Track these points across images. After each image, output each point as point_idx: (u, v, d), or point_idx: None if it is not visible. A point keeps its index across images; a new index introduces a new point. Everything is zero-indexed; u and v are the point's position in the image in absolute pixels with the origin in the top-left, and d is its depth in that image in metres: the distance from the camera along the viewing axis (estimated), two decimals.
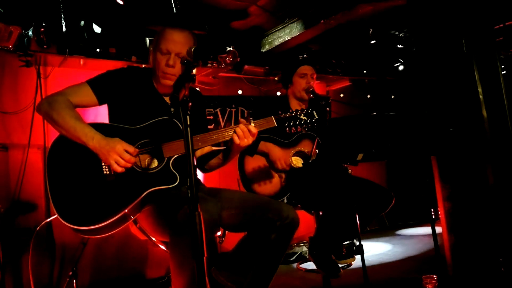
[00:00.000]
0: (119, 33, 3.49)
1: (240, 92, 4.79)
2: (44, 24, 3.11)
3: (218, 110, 4.60)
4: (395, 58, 5.30)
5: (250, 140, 1.84)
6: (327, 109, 2.67)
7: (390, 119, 2.37)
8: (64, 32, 3.20)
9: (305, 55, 2.97)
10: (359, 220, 2.41)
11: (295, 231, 1.87)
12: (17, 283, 3.21)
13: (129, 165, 1.72)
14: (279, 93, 4.79)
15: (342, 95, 5.85)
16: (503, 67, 4.90)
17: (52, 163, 1.77)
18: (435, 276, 2.44)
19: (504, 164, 2.62)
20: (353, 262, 2.74)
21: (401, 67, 5.36)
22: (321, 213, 2.74)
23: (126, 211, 1.70)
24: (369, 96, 6.05)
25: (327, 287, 2.68)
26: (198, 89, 2.29)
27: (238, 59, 3.82)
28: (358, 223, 2.40)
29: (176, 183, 1.79)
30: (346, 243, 4.01)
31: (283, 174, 2.71)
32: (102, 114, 3.18)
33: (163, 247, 2.03)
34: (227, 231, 2.22)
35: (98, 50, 3.38)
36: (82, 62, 3.56)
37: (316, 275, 3.09)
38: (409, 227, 5.52)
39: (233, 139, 1.83)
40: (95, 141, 1.71)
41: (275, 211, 1.83)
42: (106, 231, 1.72)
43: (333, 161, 2.59)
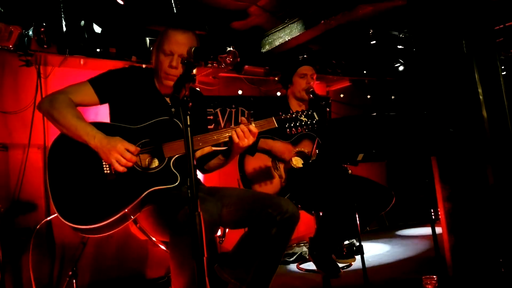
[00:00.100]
0: (119, 33, 3.49)
1: (240, 92, 4.79)
2: (44, 23, 3.11)
3: (218, 110, 4.60)
4: (395, 58, 5.30)
5: (250, 140, 1.84)
6: (327, 109, 2.67)
7: (390, 119, 2.37)
8: (64, 32, 3.20)
9: (305, 55, 2.96)
10: (359, 219, 2.41)
11: (296, 225, 1.87)
12: (17, 283, 3.20)
13: (130, 164, 1.72)
14: (279, 93, 4.79)
15: (342, 95, 5.85)
16: (503, 67, 4.90)
17: (52, 161, 1.77)
18: (435, 276, 2.44)
19: (504, 164, 2.62)
20: (353, 262, 2.74)
21: (401, 68, 5.36)
22: (321, 214, 2.74)
23: (126, 210, 1.70)
24: (369, 96, 6.05)
25: (327, 287, 2.68)
26: (198, 89, 2.29)
27: (238, 59, 3.82)
28: (358, 223, 2.40)
29: (176, 183, 1.79)
30: (346, 243, 4.02)
31: (283, 174, 2.71)
32: (102, 113, 3.18)
33: (163, 247, 2.03)
34: (227, 228, 2.21)
35: (98, 50, 3.38)
36: (82, 62, 3.56)
37: (316, 275, 3.08)
38: (409, 227, 5.52)
39: (233, 139, 1.82)
40: (96, 140, 1.71)
41: (274, 206, 1.83)
42: (105, 230, 1.72)
43: (333, 161, 2.59)
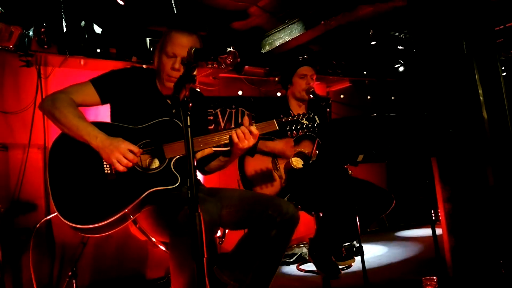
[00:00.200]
0: (120, 34, 3.49)
1: (240, 92, 4.79)
2: (44, 24, 3.11)
3: (218, 110, 4.60)
4: (395, 59, 5.30)
5: (251, 142, 1.83)
6: (327, 110, 2.66)
7: (390, 120, 2.37)
8: (64, 32, 3.20)
9: (305, 56, 2.95)
10: (359, 221, 2.40)
11: (295, 227, 1.87)
12: (17, 283, 3.20)
13: (130, 164, 1.72)
14: (279, 94, 4.79)
15: (342, 96, 5.85)
16: (503, 68, 4.90)
17: (53, 161, 1.77)
18: (435, 277, 2.44)
19: (504, 165, 2.62)
20: (353, 263, 2.74)
21: (401, 68, 5.36)
22: (321, 214, 2.74)
23: (126, 210, 1.70)
24: (369, 97, 6.05)
25: None
26: (198, 90, 2.28)
27: (238, 60, 3.82)
28: (358, 224, 2.39)
29: (177, 184, 1.79)
30: (346, 244, 4.01)
31: (283, 174, 2.71)
32: (102, 113, 3.19)
33: (162, 248, 2.02)
34: (227, 229, 2.21)
35: (98, 50, 3.38)
36: (82, 62, 3.56)
37: (316, 276, 3.08)
38: (409, 228, 5.51)
39: (234, 141, 1.82)
40: (98, 140, 1.71)
41: (275, 207, 1.83)
42: (105, 230, 1.72)
43: (333, 162, 2.59)
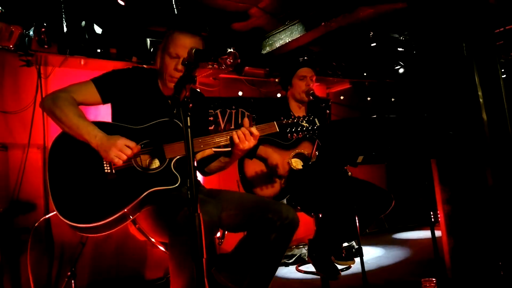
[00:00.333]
0: (120, 34, 3.49)
1: (240, 93, 4.79)
2: (45, 24, 3.11)
3: (218, 111, 4.60)
4: (395, 61, 5.31)
5: (251, 143, 1.83)
6: (327, 111, 2.66)
7: (390, 121, 2.37)
8: (65, 32, 3.20)
9: (305, 57, 2.95)
10: (358, 222, 2.40)
11: (295, 231, 1.87)
12: (16, 283, 3.20)
13: (125, 158, 1.71)
14: (279, 95, 4.79)
15: (342, 97, 5.85)
16: (503, 70, 4.91)
17: (53, 160, 1.76)
18: (434, 279, 2.44)
19: (503, 167, 2.62)
20: (352, 265, 2.74)
21: (401, 70, 5.37)
22: (320, 216, 2.74)
23: (125, 210, 1.69)
24: (369, 98, 6.06)
25: None
26: (198, 91, 2.28)
27: (238, 61, 3.81)
28: (357, 225, 2.39)
29: (177, 184, 1.79)
30: (345, 245, 4.01)
31: (283, 178, 2.71)
32: (102, 113, 3.19)
33: (162, 248, 2.02)
34: (226, 231, 2.21)
35: (99, 50, 3.38)
36: (82, 62, 3.56)
37: (315, 277, 3.08)
38: (409, 230, 5.52)
39: (235, 142, 1.82)
40: (97, 139, 1.72)
41: (274, 212, 1.83)
42: (104, 229, 1.72)
43: (333, 163, 2.59)
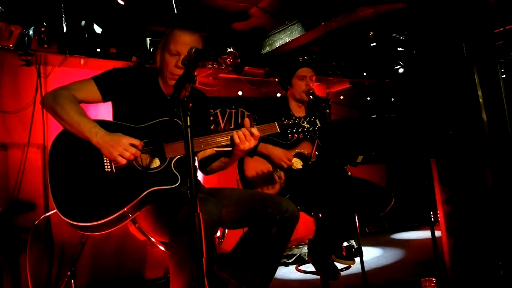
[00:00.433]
0: (120, 33, 3.49)
1: (240, 93, 4.79)
2: (45, 23, 3.10)
3: (218, 111, 4.60)
4: (395, 60, 5.31)
5: (252, 143, 1.83)
6: (327, 111, 2.66)
7: (390, 121, 2.37)
8: (64, 31, 3.20)
9: (305, 57, 2.95)
10: (358, 220, 2.40)
11: (296, 224, 1.87)
12: (16, 283, 3.20)
13: (133, 157, 1.71)
14: (279, 95, 4.79)
15: (342, 97, 5.86)
16: (503, 70, 4.91)
17: (53, 158, 1.76)
18: (434, 279, 2.44)
19: (503, 167, 2.62)
20: (352, 265, 2.74)
21: (401, 70, 5.37)
22: (320, 215, 2.74)
23: (125, 209, 1.69)
24: (369, 98, 6.06)
25: None
26: (200, 90, 2.28)
27: (238, 60, 3.82)
28: (357, 225, 2.39)
29: (177, 184, 1.78)
30: (345, 244, 4.01)
31: (283, 175, 2.71)
32: (102, 113, 3.19)
33: (162, 248, 2.02)
34: (227, 228, 2.21)
35: (98, 50, 3.38)
36: (82, 62, 3.56)
37: (315, 277, 3.08)
38: (408, 230, 5.52)
39: (235, 142, 1.83)
40: (99, 136, 1.71)
41: (274, 205, 1.83)
42: (104, 228, 1.71)
43: (333, 163, 2.59)
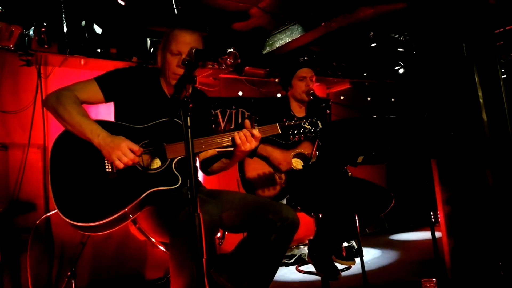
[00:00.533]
0: (120, 34, 3.49)
1: (240, 93, 4.79)
2: (45, 23, 3.11)
3: (218, 111, 4.60)
4: (395, 61, 5.31)
5: (253, 145, 1.83)
6: (327, 111, 2.66)
7: (390, 122, 2.37)
8: (65, 32, 3.20)
9: (305, 58, 2.95)
10: (358, 221, 2.40)
11: (295, 232, 1.88)
12: (16, 283, 3.20)
13: (131, 163, 1.72)
14: (279, 95, 4.79)
15: (342, 97, 5.85)
16: (503, 71, 4.91)
17: (55, 158, 1.76)
18: (434, 279, 2.44)
19: (504, 167, 2.62)
20: (353, 265, 2.73)
21: (401, 70, 5.37)
22: (320, 216, 2.74)
23: (126, 210, 1.69)
24: (369, 98, 6.06)
25: None
26: (201, 90, 2.27)
27: (238, 61, 3.81)
28: (357, 225, 2.39)
29: (177, 185, 1.78)
30: (345, 245, 4.01)
31: (283, 175, 2.71)
32: (102, 113, 3.19)
33: (162, 248, 2.02)
34: (226, 232, 2.22)
35: (99, 50, 3.38)
36: (82, 62, 3.56)
37: (315, 277, 3.08)
38: (409, 230, 5.52)
39: (237, 143, 1.83)
40: (100, 137, 1.72)
41: (275, 212, 1.83)
42: (105, 229, 1.72)
43: (333, 163, 2.59)
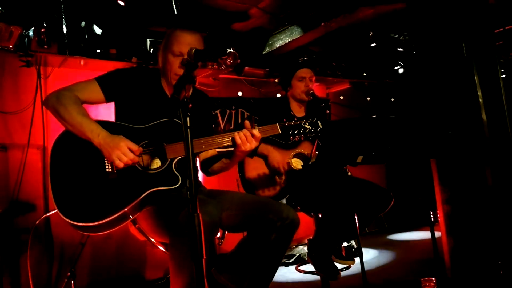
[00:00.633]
0: (120, 34, 3.49)
1: (240, 93, 4.79)
2: (45, 24, 3.11)
3: (218, 111, 4.60)
4: (395, 61, 5.31)
5: (253, 145, 1.84)
6: (327, 111, 2.66)
7: (389, 122, 2.37)
8: (64, 32, 3.20)
9: (305, 58, 2.95)
10: (358, 220, 2.40)
11: (295, 232, 1.88)
12: (15, 283, 3.20)
13: (130, 162, 1.72)
14: (279, 95, 4.79)
15: (342, 97, 5.86)
16: (502, 71, 4.92)
17: (55, 159, 1.77)
18: (434, 278, 2.44)
19: (503, 167, 2.62)
20: (352, 264, 2.74)
21: (401, 70, 5.37)
22: (320, 215, 2.74)
23: (126, 210, 1.69)
24: (369, 98, 6.06)
25: None
26: (202, 91, 2.27)
27: (238, 61, 3.81)
28: (357, 225, 2.39)
29: (177, 185, 1.79)
30: (345, 244, 4.01)
31: (283, 175, 2.72)
32: (102, 113, 3.19)
33: (162, 248, 2.03)
34: (227, 231, 2.22)
35: (98, 50, 3.38)
36: (82, 62, 3.56)
37: (315, 277, 3.08)
38: (408, 230, 5.52)
39: (237, 143, 1.83)
40: (100, 137, 1.72)
41: (275, 212, 1.84)
42: (104, 229, 1.72)
43: (333, 163, 2.59)
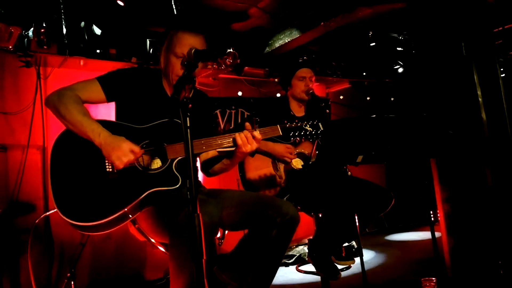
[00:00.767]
0: (120, 34, 3.49)
1: (240, 93, 4.79)
2: (44, 24, 3.11)
3: (218, 111, 4.60)
4: (394, 60, 5.31)
5: (254, 146, 1.84)
6: (327, 111, 2.66)
7: (389, 121, 2.37)
8: (64, 33, 3.20)
9: (304, 58, 2.96)
10: (358, 220, 2.40)
11: (296, 227, 1.88)
12: (15, 284, 3.20)
13: (128, 164, 1.71)
14: (278, 95, 4.79)
15: (341, 97, 5.86)
16: (502, 70, 4.92)
17: (55, 158, 1.76)
18: (434, 278, 2.44)
19: (503, 166, 2.63)
20: (352, 264, 2.74)
21: (400, 70, 5.37)
22: (320, 215, 2.74)
23: (125, 210, 1.69)
24: (368, 98, 6.06)
25: None
26: (203, 92, 2.27)
27: (238, 61, 3.82)
28: (357, 225, 2.39)
29: (177, 185, 1.79)
30: (345, 245, 4.01)
31: (283, 175, 2.72)
32: (102, 113, 3.19)
33: (162, 249, 2.02)
34: (227, 230, 2.22)
35: (98, 51, 3.38)
36: (82, 63, 3.56)
37: (315, 277, 3.08)
38: (408, 229, 5.52)
39: (238, 144, 1.83)
40: (101, 137, 1.72)
41: (275, 208, 1.83)
42: (104, 228, 1.72)
43: (333, 163, 2.59)
